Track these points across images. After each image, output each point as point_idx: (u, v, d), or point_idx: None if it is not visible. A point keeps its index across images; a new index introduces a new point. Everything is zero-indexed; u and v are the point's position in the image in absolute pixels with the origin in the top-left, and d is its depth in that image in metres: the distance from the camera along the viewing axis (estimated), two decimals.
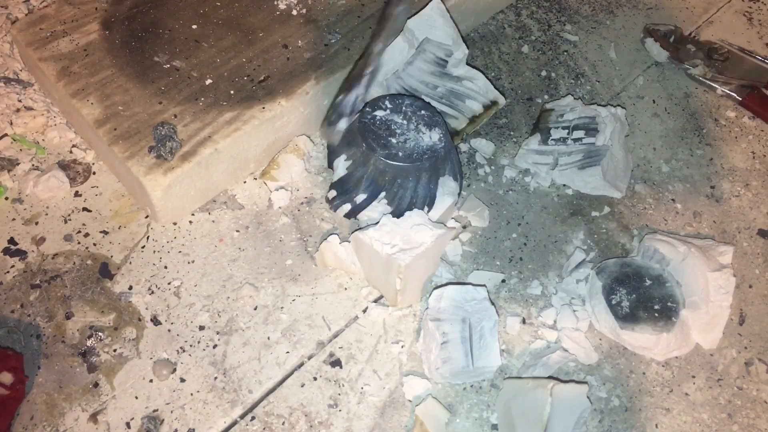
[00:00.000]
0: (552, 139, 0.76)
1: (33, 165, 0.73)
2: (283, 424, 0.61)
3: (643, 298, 0.66)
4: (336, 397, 0.62)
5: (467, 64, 0.79)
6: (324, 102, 0.75)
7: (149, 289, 0.67)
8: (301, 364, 0.64)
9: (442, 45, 0.77)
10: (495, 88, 0.80)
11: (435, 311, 0.64)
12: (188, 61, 0.73)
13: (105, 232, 0.70)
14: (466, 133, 0.78)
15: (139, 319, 0.65)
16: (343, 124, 0.66)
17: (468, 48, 0.78)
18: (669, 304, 0.66)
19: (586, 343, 0.66)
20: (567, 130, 0.76)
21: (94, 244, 0.69)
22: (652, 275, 0.68)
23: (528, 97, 0.84)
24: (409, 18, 0.76)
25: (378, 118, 0.69)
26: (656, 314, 0.66)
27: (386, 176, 0.68)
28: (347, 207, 0.70)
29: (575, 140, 0.75)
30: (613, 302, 0.66)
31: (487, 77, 0.79)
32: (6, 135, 0.74)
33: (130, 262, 0.68)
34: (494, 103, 0.79)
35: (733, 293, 0.67)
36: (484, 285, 0.67)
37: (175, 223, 0.71)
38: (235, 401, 0.61)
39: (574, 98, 0.80)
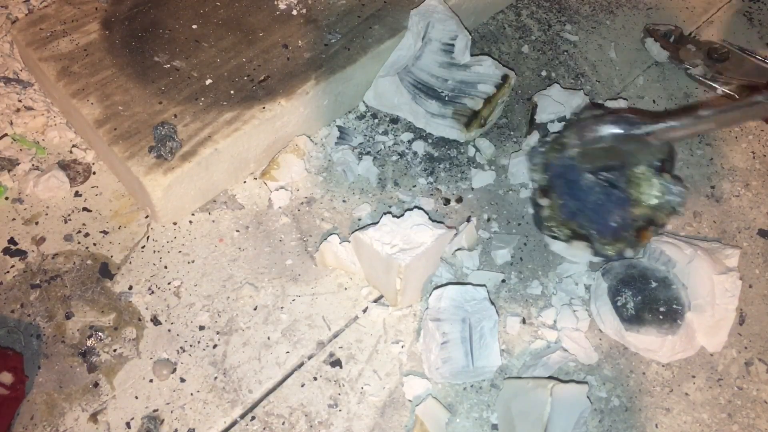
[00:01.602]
0: (552, 133, 0.75)
1: (33, 165, 0.73)
2: (283, 424, 0.61)
3: (649, 300, 0.66)
4: (336, 397, 0.62)
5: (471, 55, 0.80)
6: (324, 102, 0.75)
7: (149, 289, 0.67)
8: (301, 364, 0.64)
9: (446, 29, 0.78)
10: (503, 65, 0.80)
11: (435, 311, 0.64)
12: (188, 61, 0.73)
13: (105, 232, 0.70)
14: (483, 117, 0.78)
15: (139, 319, 0.65)
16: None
17: (470, 36, 0.79)
18: (674, 306, 0.66)
19: (586, 343, 0.66)
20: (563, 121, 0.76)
21: (94, 244, 0.69)
22: (657, 277, 0.68)
23: (528, 97, 0.84)
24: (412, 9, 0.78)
25: None
26: (661, 316, 0.65)
27: None
28: None
29: None
30: (619, 304, 0.66)
31: (493, 57, 0.80)
32: (6, 135, 0.74)
33: (130, 262, 0.68)
34: (505, 79, 0.79)
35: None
36: (484, 285, 0.66)
37: (175, 223, 0.71)
38: (235, 401, 0.61)
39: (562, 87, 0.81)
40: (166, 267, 0.68)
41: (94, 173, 0.73)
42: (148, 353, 0.63)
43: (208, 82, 0.71)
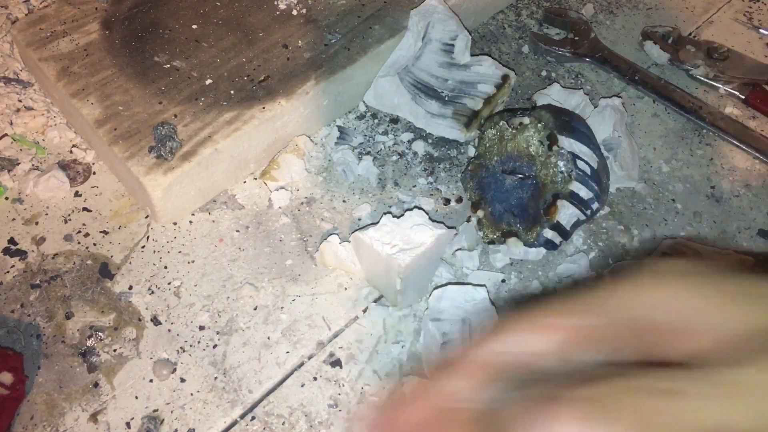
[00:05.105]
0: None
1: (33, 165, 0.73)
2: (283, 424, 0.61)
3: None
4: (336, 397, 0.62)
5: (471, 55, 0.80)
6: (324, 102, 0.75)
7: (149, 289, 0.67)
8: (301, 364, 0.64)
9: (446, 29, 0.78)
10: (503, 65, 0.80)
11: (435, 311, 0.64)
12: (188, 61, 0.73)
13: (105, 232, 0.70)
14: (483, 117, 0.78)
15: (139, 319, 0.65)
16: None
17: (470, 36, 0.80)
18: None
19: None
20: None
21: (94, 244, 0.69)
22: None
23: (528, 97, 0.84)
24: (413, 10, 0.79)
25: None
26: None
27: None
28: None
29: None
30: None
31: (493, 57, 0.80)
32: (6, 135, 0.74)
33: (130, 262, 0.68)
34: (505, 79, 0.79)
35: None
36: (484, 285, 0.66)
37: (175, 223, 0.71)
38: (235, 401, 0.61)
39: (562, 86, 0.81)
40: (166, 267, 0.68)
41: (94, 173, 0.73)
42: (148, 353, 0.63)
43: (208, 82, 0.72)
